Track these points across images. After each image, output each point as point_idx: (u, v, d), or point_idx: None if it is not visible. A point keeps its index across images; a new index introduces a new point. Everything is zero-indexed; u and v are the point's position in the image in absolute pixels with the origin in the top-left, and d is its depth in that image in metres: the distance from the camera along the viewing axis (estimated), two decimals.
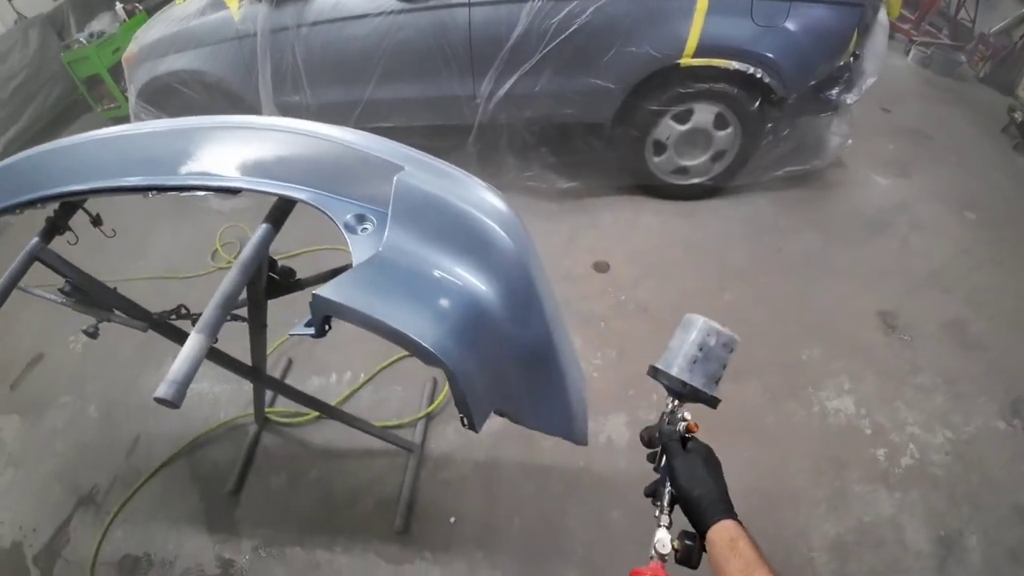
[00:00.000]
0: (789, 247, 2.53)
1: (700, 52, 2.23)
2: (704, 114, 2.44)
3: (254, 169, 1.01)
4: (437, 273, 0.81)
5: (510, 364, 0.89)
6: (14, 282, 1.20)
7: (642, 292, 2.40)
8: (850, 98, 2.43)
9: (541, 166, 2.75)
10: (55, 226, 1.25)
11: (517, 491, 1.81)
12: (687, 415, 0.79)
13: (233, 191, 1.00)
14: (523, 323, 0.88)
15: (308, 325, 0.75)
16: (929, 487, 1.72)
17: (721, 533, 0.65)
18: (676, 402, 0.82)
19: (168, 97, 2.73)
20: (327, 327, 0.75)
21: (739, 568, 0.61)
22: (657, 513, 0.72)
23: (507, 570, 1.65)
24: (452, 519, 1.77)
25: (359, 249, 0.88)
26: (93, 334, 1.32)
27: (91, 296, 1.30)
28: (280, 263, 1.25)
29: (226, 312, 0.91)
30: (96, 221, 1.33)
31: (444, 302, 0.77)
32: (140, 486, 1.94)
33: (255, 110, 2.60)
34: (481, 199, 0.90)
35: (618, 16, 2.23)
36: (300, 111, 2.62)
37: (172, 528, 1.85)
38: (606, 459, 1.85)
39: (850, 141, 2.68)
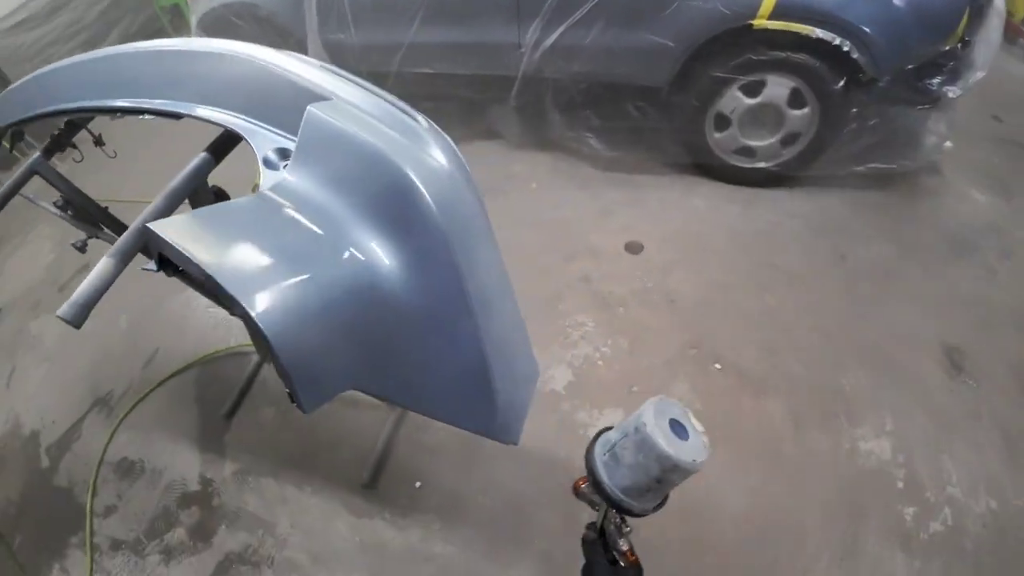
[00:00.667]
0: (854, 255, 2.19)
1: (778, 13, 1.91)
2: (777, 88, 2.11)
3: (196, 95, 0.95)
4: (318, 230, 0.70)
5: (402, 342, 0.77)
6: (14, 191, 1.25)
7: (673, 281, 2.18)
8: (953, 92, 1.99)
9: (586, 129, 2.54)
10: (57, 143, 1.28)
11: (493, 469, 1.74)
12: (625, 545, 0.72)
13: (174, 116, 0.95)
14: (431, 300, 0.75)
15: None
16: (954, 560, 1.45)
17: None
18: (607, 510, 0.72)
19: (224, 29, 2.77)
20: (176, 267, 0.66)
21: None
22: None
23: (461, 547, 1.59)
24: (418, 484, 1.73)
25: (271, 183, 0.79)
26: (81, 248, 1.36)
27: (81, 212, 1.34)
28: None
29: (140, 243, 0.87)
30: (98, 141, 1.36)
31: (309, 265, 0.66)
32: (146, 395, 2.08)
33: (302, 46, 2.59)
34: (409, 147, 0.77)
35: None
36: (345, 49, 2.57)
37: (168, 440, 1.97)
38: None
39: (948, 144, 2.22)
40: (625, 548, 0.71)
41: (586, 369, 1.92)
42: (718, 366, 1.88)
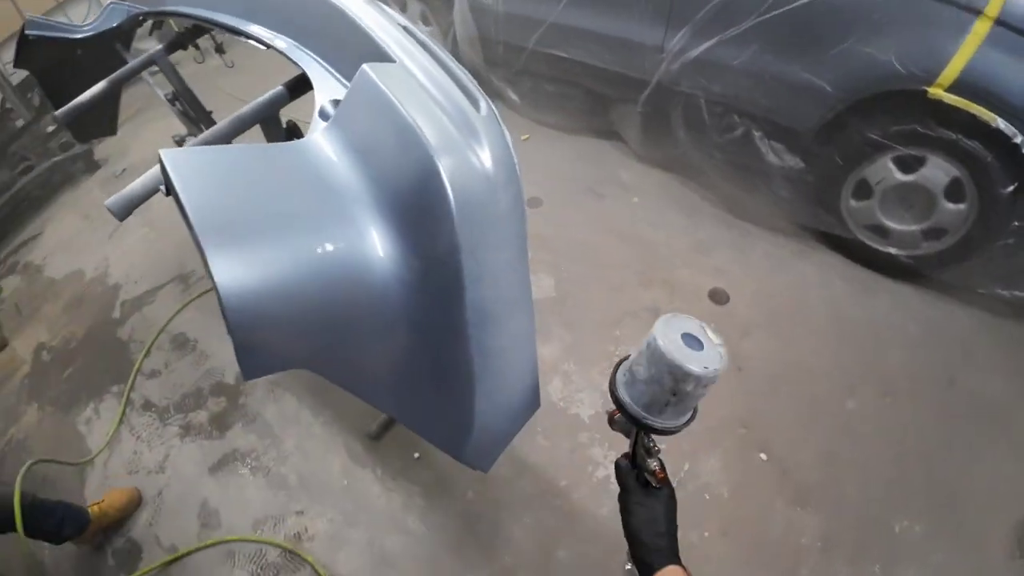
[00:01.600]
0: (965, 384, 1.80)
1: (959, 87, 1.58)
2: (937, 172, 1.78)
3: (289, 27, 0.96)
4: (323, 202, 0.66)
5: (375, 337, 0.72)
6: (132, 73, 1.37)
7: (749, 345, 1.96)
8: None
9: (709, 155, 2.32)
10: (179, 41, 1.39)
11: (491, 471, 1.70)
12: (654, 464, 0.71)
13: (262, 44, 0.97)
14: (422, 302, 0.70)
15: None
16: None
17: None
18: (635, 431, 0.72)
19: None
20: None
21: None
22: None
23: (432, 532, 1.58)
24: (416, 455, 1.74)
25: (311, 134, 0.78)
26: (180, 142, 1.48)
27: (186, 109, 1.45)
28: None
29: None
30: (219, 49, 1.45)
31: (294, 235, 0.62)
32: (211, 289, 2.27)
33: (451, 2, 2.61)
34: (453, 135, 0.71)
35: (862, 1, 1.69)
36: (488, 14, 2.56)
37: (223, 333, 2.13)
38: (595, 496, 1.62)
39: None
40: (655, 467, 0.71)
41: None
42: (764, 456, 1.67)
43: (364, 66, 0.71)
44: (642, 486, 0.73)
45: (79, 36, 1.67)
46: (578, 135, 2.83)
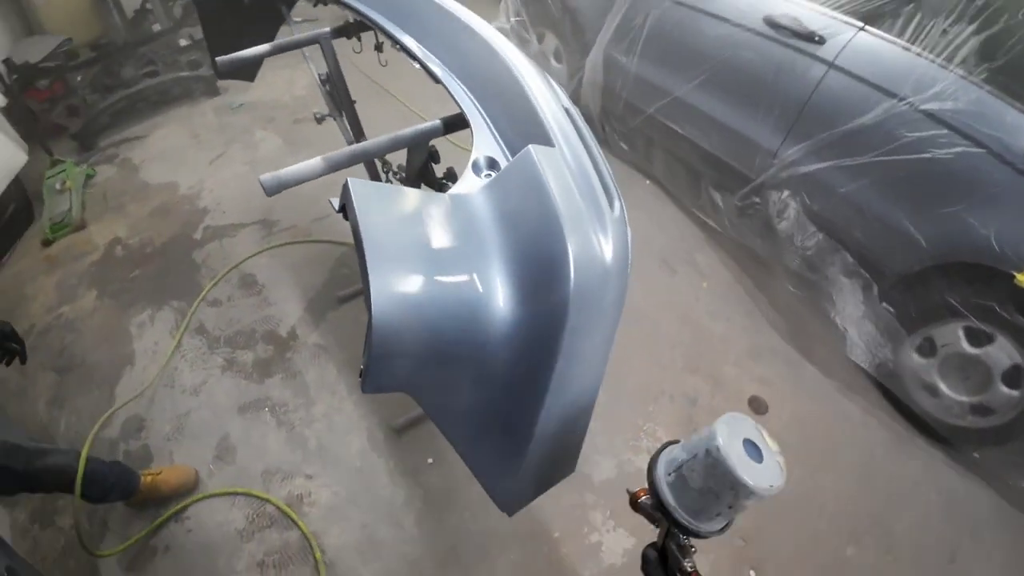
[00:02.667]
0: (966, 564, 1.77)
1: None
2: (1001, 353, 1.77)
3: (460, 69, 1.06)
4: (466, 248, 0.75)
5: (470, 378, 0.81)
6: (295, 46, 1.51)
7: None
8: None
9: (787, 266, 2.34)
10: (345, 30, 1.52)
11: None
12: (690, 565, 0.65)
13: (433, 78, 1.07)
14: (517, 360, 0.78)
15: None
16: None
17: None
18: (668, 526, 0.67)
19: (535, 3, 3.00)
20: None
21: None
22: None
23: (422, 539, 1.65)
24: (430, 460, 1.82)
25: (466, 187, 0.87)
26: (319, 120, 1.61)
27: (334, 92, 1.58)
28: (441, 171, 1.31)
29: (354, 162, 1.02)
30: (378, 47, 1.57)
31: (439, 272, 0.72)
32: (299, 242, 2.43)
33: (587, 48, 2.72)
34: (586, 227, 0.79)
35: (982, 173, 1.70)
36: (618, 70, 2.65)
37: (290, 286, 2.30)
38: (583, 557, 1.66)
39: None
40: (690, 570, 0.66)
41: (630, 480, 1.84)
42: (753, 573, 1.69)
43: (530, 148, 0.80)
44: None
45: None
46: (669, 202, 2.88)
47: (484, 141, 0.94)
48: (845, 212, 2.07)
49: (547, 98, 0.93)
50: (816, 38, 2.02)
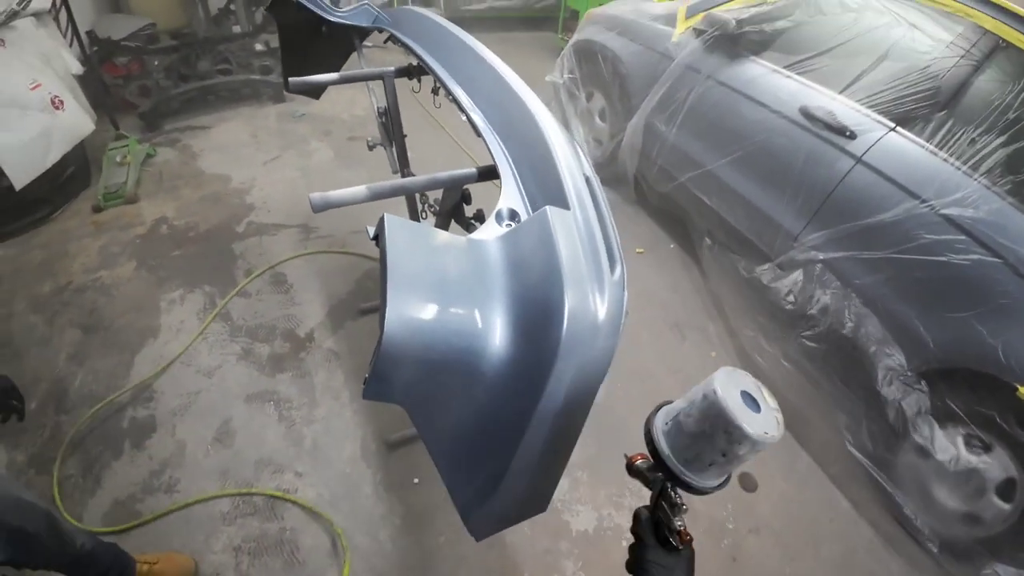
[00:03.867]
0: None
1: None
2: (998, 464, 1.76)
3: (500, 125, 1.18)
4: (474, 285, 0.84)
5: (457, 401, 0.88)
6: (361, 78, 1.66)
7: (753, 542, 1.94)
8: None
9: (793, 350, 2.35)
10: (407, 71, 1.67)
11: (467, 537, 1.80)
12: (680, 523, 0.66)
13: (476, 131, 1.19)
14: (503, 395, 0.85)
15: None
16: None
17: None
18: (665, 482, 0.68)
19: (587, 57, 3.19)
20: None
21: None
22: None
23: (394, 556, 1.69)
24: (416, 480, 1.87)
25: (484, 233, 0.97)
26: (370, 147, 1.76)
27: (388, 125, 1.72)
28: (472, 211, 1.42)
29: (396, 194, 1.13)
30: (435, 90, 1.71)
31: (447, 303, 0.81)
32: (333, 252, 2.58)
33: (632, 112, 2.87)
34: (585, 285, 0.87)
35: (996, 283, 1.73)
36: (656, 138, 2.79)
37: (316, 291, 2.43)
38: None
39: None
40: (680, 527, 0.65)
41: (607, 537, 1.85)
42: None
43: (547, 209, 0.89)
44: (662, 543, 0.67)
45: (330, 18, 1.99)
46: (691, 267, 2.95)
47: (510, 194, 1.04)
48: (856, 302, 2.11)
49: (571, 165, 1.03)
50: (848, 133, 2.11)
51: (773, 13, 2.49)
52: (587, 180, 1.03)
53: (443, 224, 1.48)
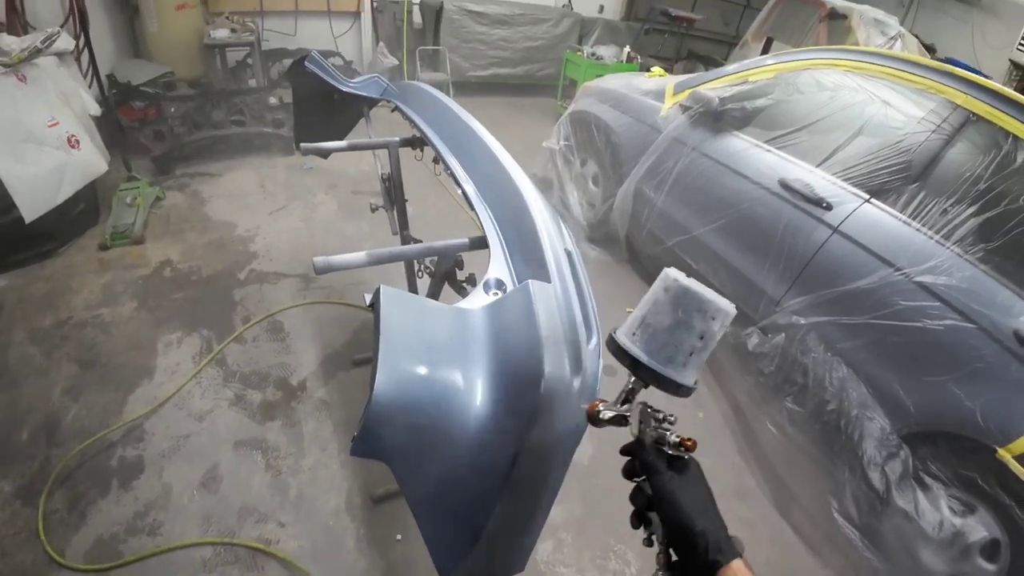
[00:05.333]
0: None
1: None
2: (980, 525, 1.78)
3: (491, 198, 1.28)
4: (460, 353, 0.90)
5: (436, 459, 0.92)
6: (370, 147, 1.79)
7: None
8: None
9: (770, 419, 2.39)
10: (411, 142, 1.80)
11: None
12: (674, 437, 0.62)
13: (468, 203, 1.29)
14: (482, 455, 0.90)
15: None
16: None
17: None
18: (640, 386, 0.67)
19: (582, 127, 3.40)
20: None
21: None
22: (655, 544, 0.61)
23: None
24: (399, 537, 1.87)
25: (471, 302, 1.05)
26: (373, 210, 1.87)
27: (391, 192, 1.84)
28: (464, 275, 1.51)
29: (394, 260, 1.22)
30: (435, 160, 1.84)
31: (433, 368, 0.86)
32: (330, 302, 2.67)
33: (623, 178, 3.03)
34: (561, 355, 0.92)
35: (971, 348, 1.79)
36: (645, 203, 2.95)
37: (311, 340, 2.49)
38: None
39: None
40: (679, 439, 0.62)
41: None
42: None
43: (529, 282, 0.97)
44: (668, 465, 0.62)
45: (342, 88, 2.14)
46: None
47: (497, 264, 1.12)
48: (839, 371, 2.16)
49: (554, 241, 1.12)
50: (824, 204, 2.23)
51: (754, 92, 2.68)
52: (568, 254, 1.12)
53: (437, 286, 1.56)
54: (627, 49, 5.83)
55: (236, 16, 5.16)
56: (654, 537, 0.62)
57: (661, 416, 0.65)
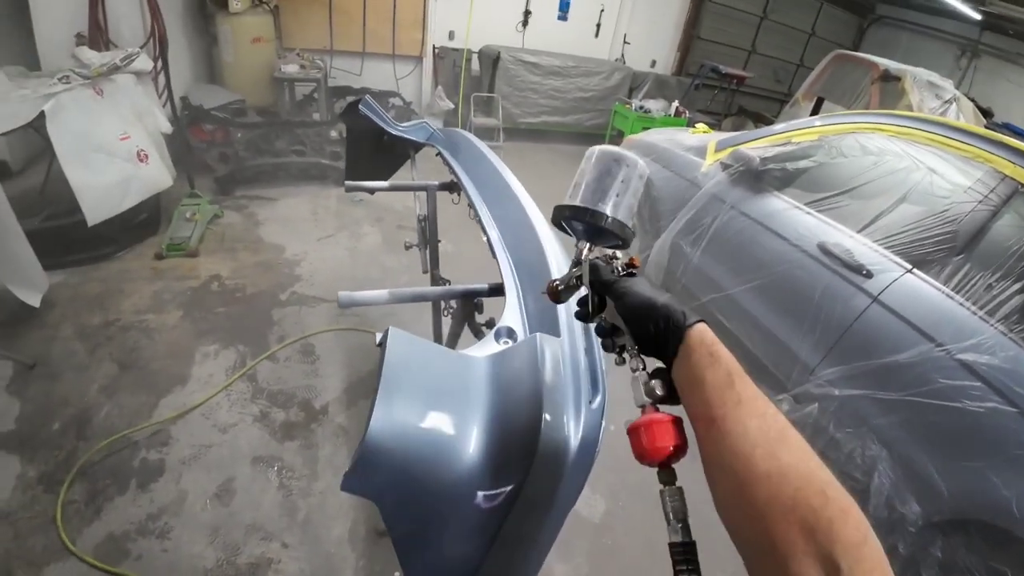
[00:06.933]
0: None
1: None
2: None
3: (513, 248, 1.31)
4: (455, 402, 0.91)
5: (427, 506, 0.92)
6: (411, 189, 1.88)
7: None
8: None
9: None
10: (448, 186, 1.88)
11: None
12: (620, 263, 0.72)
13: (491, 250, 1.33)
14: (473, 508, 0.90)
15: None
16: None
17: (698, 338, 0.57)
18: (588, 247, 0.75)
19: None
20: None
21: (719, 378, 0.54)
22: (628, 358, 0.66)
23: None
24: (398, 574, 1.85)
25: (480, 349, 1.07)
26: (408, 248, 1.96)
27: (426, 230, 1.92)
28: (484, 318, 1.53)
29: (415, 300, 1.26)
30: (470, 205, 1.91)
31: (434, 415, 0.87)
32: (358, 330, 2.73)
33: (659, 232, 3.04)
34: (560, 410, 0.93)
35: (1011, 433, 1.67)
36: (681, 258, 2.93)
37: (339, 366, 2.56)
38: None
39: None
40: (626, 262, 0.71)
41: None
42: None
43: (537, 335, 0.98)
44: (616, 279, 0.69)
45: (391, 131, 2.26)
46: None
47: (511, 313, 1.14)
48: (872, 447, 2.05)
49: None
50: (864, 271, 2.15)
51: (796, 153, 2.66)
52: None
53: (457, 327, 1.60)
54: (675, 103, 5.92)
55: (306, 53, 5.57)
56: (626, 355, 0.67)
57: (607, 257, 0.74)
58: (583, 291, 0.75)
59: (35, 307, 2.56)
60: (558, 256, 1.23)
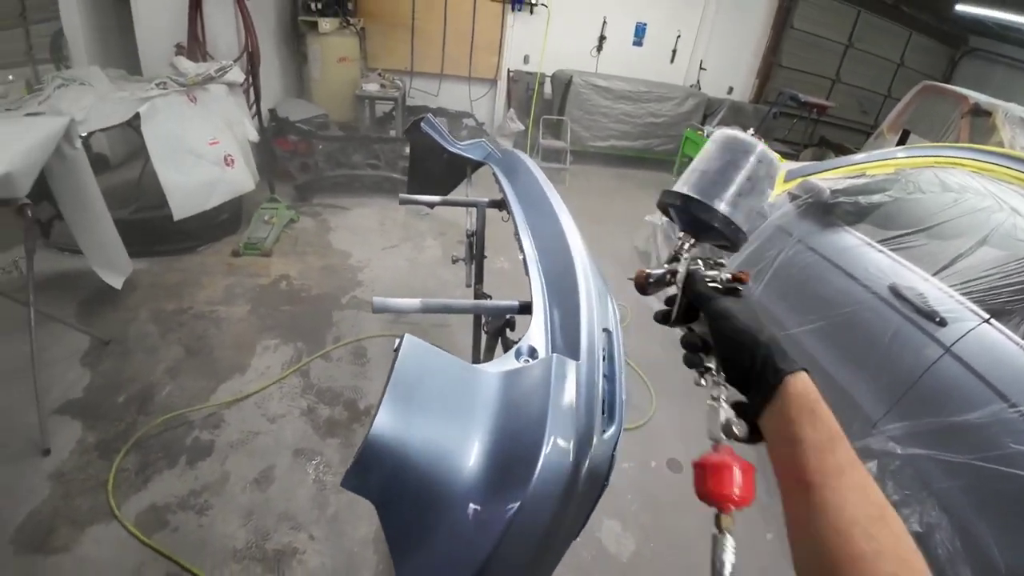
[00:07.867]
0: None
1: None
2: None
3: (548, 269, 1.32)
4: (463, 412, 0.92)
5: (421, 522, 0.92)
6: (463, 204, 1.94)
7: None
8: None
9: None
10: (499, 204, 1.91)
11: None
12: (726, 275, 0.64)
13: (525, 268, 1.34)
14: (461, 529, 0.88)
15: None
16: None
17: (800, 389, 0.52)
18: (691, 242, 0.68)
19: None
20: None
21: (820, 440, 0.49)
22: (706, 384, 0.60)
23: None
24: None
25: (497, 365, 1.08)
26: (455, 262, 2.02)
27: (473, 245, 1.97)
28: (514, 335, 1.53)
29: (445, 311, 1.30)
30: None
31: (439, 423, 0.88)
32: (388, 335, 2.85)
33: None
34: (567, 435, 0.89)
35: None
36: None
37: (381, 369, 2.63)
38: None
39: None
40: (731, 275, 0.63)
41: None
42: None
43: (553, 356, 0.97)
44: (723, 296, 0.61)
45: (451, 148, 2.34)
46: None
47: (536, 332, 1.14)
48: (932, 513, 1.85)
49: (592, 316, 1.12)
50: (938, 319, 1.97)
51: (870, 186, 2.49)
52: (608, 333, 1.11)
53: (491, 341, 1.61)
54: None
55: (388, 73, 5.91)
56: (706, 378, 0.60)
57: (712, 262, 0.65)
58: (673, 289, 0.68)
59: (117, 289, 2.84)
60: (589, 280, 1.22)
